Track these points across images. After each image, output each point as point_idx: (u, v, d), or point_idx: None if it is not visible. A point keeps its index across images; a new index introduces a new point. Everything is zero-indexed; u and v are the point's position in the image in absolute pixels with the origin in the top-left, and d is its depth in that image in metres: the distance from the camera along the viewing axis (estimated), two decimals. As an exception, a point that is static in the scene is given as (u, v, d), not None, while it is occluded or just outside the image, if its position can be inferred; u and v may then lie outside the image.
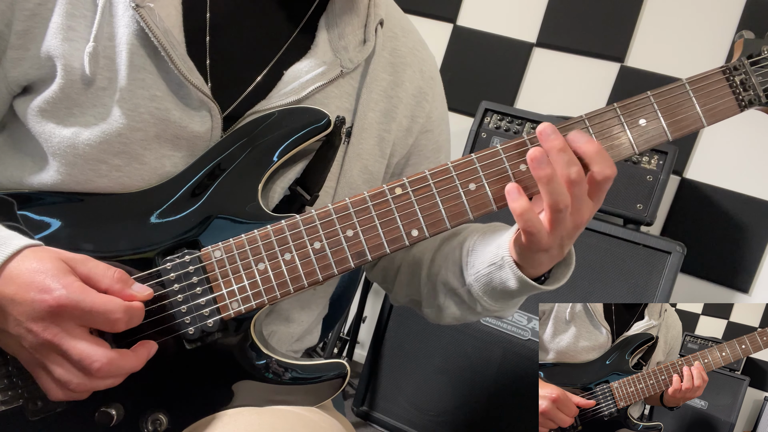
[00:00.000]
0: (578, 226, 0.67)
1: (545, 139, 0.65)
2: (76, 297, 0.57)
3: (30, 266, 0.58)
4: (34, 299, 0.57)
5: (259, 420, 0.68)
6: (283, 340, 0.82)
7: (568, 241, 0.68)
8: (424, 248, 0.87)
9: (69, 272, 0.59)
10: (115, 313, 0.59)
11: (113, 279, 0.61)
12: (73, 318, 0.58)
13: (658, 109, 0.69)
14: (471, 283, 0.77)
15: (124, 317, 0.60)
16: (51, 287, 0.57)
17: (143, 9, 0.67)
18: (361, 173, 0.81)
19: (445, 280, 0.81)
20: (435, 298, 0.83)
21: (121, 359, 0.61)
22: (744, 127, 1.91)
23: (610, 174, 0.65)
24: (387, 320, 1.87)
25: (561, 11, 2.18)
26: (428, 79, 0.88)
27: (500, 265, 0.72)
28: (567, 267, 0.74)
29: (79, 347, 0.58)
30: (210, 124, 0.72)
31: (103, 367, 0.58)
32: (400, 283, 0.90)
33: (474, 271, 0.76)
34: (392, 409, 1.84)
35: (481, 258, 0.75)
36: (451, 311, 0.83)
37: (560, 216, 0.64)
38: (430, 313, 0.86)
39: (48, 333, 0.58)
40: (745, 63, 0.70)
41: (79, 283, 0.59)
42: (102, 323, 0.59)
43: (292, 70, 0.76)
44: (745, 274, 1.93)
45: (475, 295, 0.77)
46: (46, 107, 0.67)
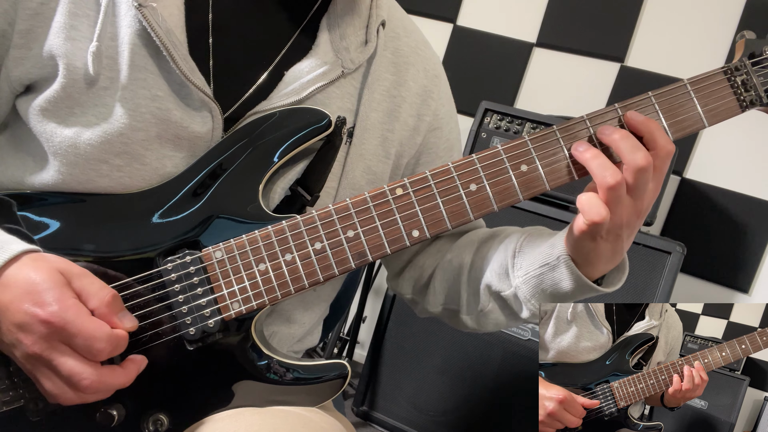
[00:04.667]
0: (640, 213, 0.66)
1: (605, 135, 0.65)
2: (66, 317, 0.56)
3: (27, 275, 0.58)
4: (26, 311, 0.56)
5: (260, 420, 0.68)
6: (284, 341, 0.82)
7: (627, 231, 0.66)
8: (460, 251, 0.84)
9: (65, 285, 0.58)
10: (100, 341, 0.58)
11: (102, 302, 0.60)
12: (60, 336, 0.57)
13: (659, 109, 0.69)
14: (518, 285, 0.74)
15: (108, 347, 0.58)
16: (45, 301, 0.56)
17: (146, 9, 0.67)
18: (364, 174, 0.81)
19: (489, 283, 0.78)
20: (477, 304, 0.81)
21: (110, 376, 0.60)
22: (744, 127, 1.91)
23: (671, 149, 0.65)
24: (387, 320, 1.87)
25: (561, 11, 2.18)
26: (432, 77, 0.87)
27: (554, 266, 0.70)
28: (621, 273, 0.73)
29: (68, 364, 0.57)
30: (211, 124, 0.72)
31: (92, 384, 0.58)
32: (433, 291, 0.87)
33: (522, 272, 0.73)
34: (392, 409, 1.84)
35: (530, 259, 0.73)
36: (494, 316, 0.80)
37: (614, 194, 0.63)
38: (470, 320, 0.83)
39: (37, 347, 0.57)
40: (747, 63, 0.70)
41: (73, 301, 0.58)
42: (85, 350, 0.58)
43: (293, 71, 0.76)
44: (745, 274, 1.93)
45: (522, 298, 0.74)
46: (48, 106, 0.67)
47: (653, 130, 0.65)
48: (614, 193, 0.63)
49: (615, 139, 0.64)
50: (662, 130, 0.65)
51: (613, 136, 0.65)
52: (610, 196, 0.63)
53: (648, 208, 0.66)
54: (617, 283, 0.73)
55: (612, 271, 0.73)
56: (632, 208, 0.65)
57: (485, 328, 0.83)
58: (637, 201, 0.65)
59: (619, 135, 0.64)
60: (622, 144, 0.64)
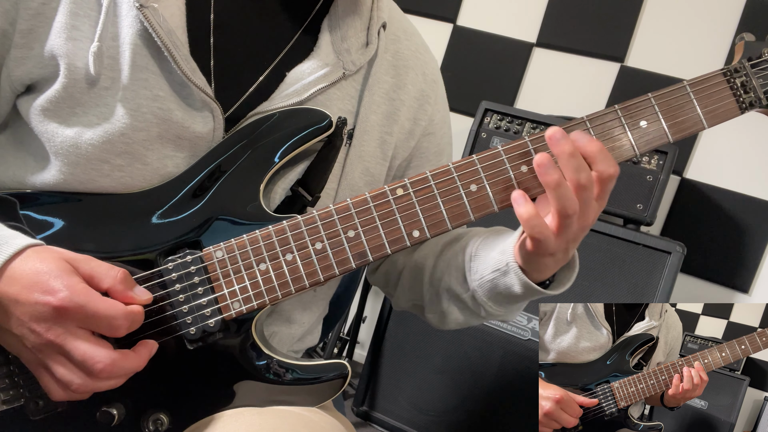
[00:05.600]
0: (584, 229, 0.67)
1: (555, 144, 0.64)
2: (79, 300, 0.58)
3: (33, 266, 0.58)
4: (37, 300, 0.57)
5: (260, 420, 0.69)
6: (284, 341, 0.83)
7: (573, 245, 0.68)
8: (426, 253, 0.87)
9: (72, 272, 0.59)
10: (117, 319, 0.59)
11: (115, 279, 0.61)
12: (76, 320, 0.58)
13: (659, 110, 0.69)
14: (475, 288, 0.76)
15: (126, 323, 0.60)
16: (55, 288, 0.57)
17: (147, 9, 0.67)
18: (362, 175, 0.81)
19: (448, 286, 0.81)
20: (438, 304, 0.83)
21: (124, 360, 0.61)
22: (744, 128, 1.91)
23: (614, 173, 0.65)
24: (387, 320, 1.87)
25: (561, 11, 2.18)
26: (431, 82, 0.88)
27: (505, 271, 0.72)
28: (571, 271, 0.74)
29: (82, 348, 0.58)
30: (212, 124, 0.72)
31: (106, 367, 0.59)
32: (402, 287, 0.90)
33: (478, 276, 0.76)
34: (392, 409, 1.84)
35: (484, 264, 0.75)
36: (455, 317, 0.82)
37: (568, 221, 0.64)
38: (433, 318, 0.86)
39: (51, 334, 0.58)
40: (746, 65, 0.70)
41: (82, 285, 0.59)
42: (104, 328, 0.60)
43: (294, 72, 0.77)
44: (745, 274, 1.93)
45: (479, 300, 0.77)
46: (49, 106, 0.68)
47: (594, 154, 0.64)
48: (568, 220, 0.64)
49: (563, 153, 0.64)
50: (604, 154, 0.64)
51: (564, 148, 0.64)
52: (564, 223, 0.64)
53: (592, 223, 0.67)
54: (567, 283, 0.74)
55: (563, 270, 0.74)
56: (577, 227, 0.66)
57: (447, 326, 0.85)
58: (581, 219, 0.65)
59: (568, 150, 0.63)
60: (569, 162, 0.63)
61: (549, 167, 0.63)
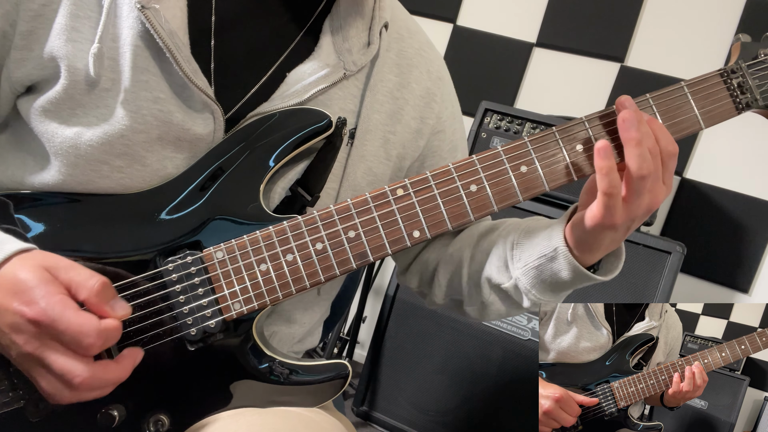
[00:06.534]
0: (651, 208, 0.66)
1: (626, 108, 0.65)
2: (52, 314, 0.56)
3: (14, 275, 0.57)
4: (15, 310, 0.56)
5: (261, 420, 0.69)
6: (284, 341, 0.83)
7: (635, 224, 0.67)
8: (461, 246, 0.85)
9: (50, 282, 0.57)
10: (88, 337, 0.56)
11: (91, 291, 0.58)
12: (49, 334, 0.57)
13: (656, 111, 0.69)
14: (518, 276, 0.75)
15: (98, 341, 0.57)
16: (31, 299, 0.56)
17: (148, 10, 0.67)
18: (365, 175, 0.81)
19: (489, 276, 0.79)
20: (479, 296, 0.82)
21: (104, 372, 0.59)
22: (744, 128, 1.91)
23: (674, 150, 0.65)
24: (387, 320, 1.87)
25: (561, 11, 2.18)
26: (436, 79, 0.87)
27: (552, 257, 0.71)
28: (617, 259, 0.73)
29: (59, 362, 0.57)
30: (212, 126, 0.72)
31: (84, 381, 0.57)
32: (438, 284, 0.88)
33: (522, 264, 0.74)
34: (392, 409, 1.84)
35: (529, 250, 0.74)
36: (496, 308, 0.81)
37: (641, 185, 0.63)
38: (473, 311, 0.85)
39: (29, 346, 0.57)
40: (743, 66, 0.70)
41: (59, 297, 0.57)
42: (75, 346, 0.57)
43: (295, 72, 0.76)
44: (745, 274, 1.93)
45: (522, 289, 0.75)
46: (49, 107, 0.67)
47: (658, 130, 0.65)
48: (643, 183, 0.64)
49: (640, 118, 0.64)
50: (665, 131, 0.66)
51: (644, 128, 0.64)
52: (638, 187, 0.64)
53: (658, 203, 0.67)
54: (615, 270, 0.73)
55: (609, 258, 0.74)
56: (647, 202, 0.65)
57: (488, 317, 0.85)
58: (651, 194, 0.65)
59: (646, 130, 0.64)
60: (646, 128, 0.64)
61: (633, 123, 0.63)
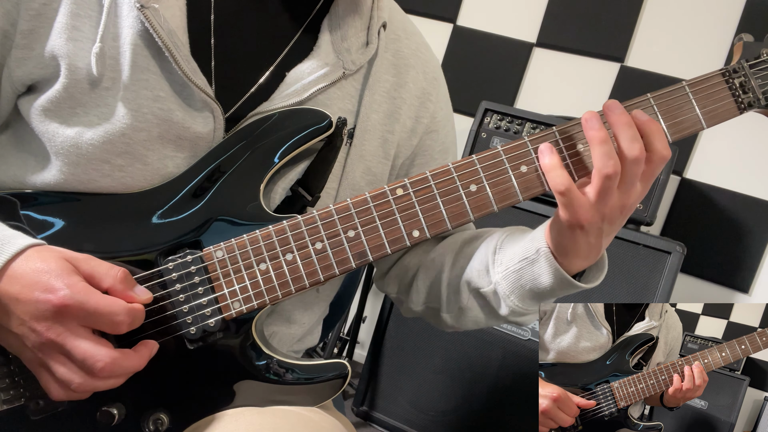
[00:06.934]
0: (623, 210, 0.66)
1: (612, 112, 0.64)
2: (80, 298, 0.58)
3: (34, 266, 0.59)
4: (38, 299, 0.57)
5: (261, 420, 0.69)
6: (284, 341, 0.83)
7: (609, 227, 0.66)
8: (443, 251, 0.85)
9: (73, 272, 0.60)
10: (118, 315, 0.60)
11: (116, 279, 0.62)
12: (77, 318, 0.58)
13: (658, 111, 0.69)
14: (498, 281, 0.74)
15: (127, 319, 0.60)
16: (55, 287, 0.58)
17: (148, 10, 0.67)
18: (364, 175, 0.81)
19: (468, 280, 0.79)
20: (457, 301, 0.81)
21: (124, 359, 0.61)
22: (744, 128, 1.92)
23: (667, 155, 0.65)
24: (387, 320, 1.87)
25: (561, 11, 2.18)
26: (431, 80, 0.88)
27: (533, 259, 0.71)
28: (600, 270, 0.73)
29: (83, 347, 0.58)
30: (212, 125, 0.72)
31: (107, 366, 0.59)
32: (416, 290, 0.87)
33: (503, 268, 0.74)
34: (392, 409, 1.84)
35: (510, 254, 0.74)
36: (473, 314, 0.81)
37: (608, 184, 0.63)
38: (449, 317, 0.84)
39: (52, 332, 0.58)
40: (744, 66, 0.70)
41: (83, 284, 0.59)
42: (105, 325, 0.60)
43: (294, 72, 0.77)
44: (745, 274, 1.93)
45: (501, 295, 0.75)
46: (50, 107, 0.68)
47: (653, 132, 0.65)
48: (609, 182, 0.63)
49: (620, 122, 0.64)
50: (663, 135, 0.65)
51: (621, 118, 0.64)
52: (604, 185, 0.63)
53: (632, 207, 0.66)
54: (595, 281, 0.73)
55: (591, 269, 0.73)
56: (618, 202, 0.65)
57: (465, 326, 0.84)
58: (623, 195, 0.65)
59: (625, 120, 0.64)
60: (624, 130, 0.64)
61: (596, 122, 0.63)
